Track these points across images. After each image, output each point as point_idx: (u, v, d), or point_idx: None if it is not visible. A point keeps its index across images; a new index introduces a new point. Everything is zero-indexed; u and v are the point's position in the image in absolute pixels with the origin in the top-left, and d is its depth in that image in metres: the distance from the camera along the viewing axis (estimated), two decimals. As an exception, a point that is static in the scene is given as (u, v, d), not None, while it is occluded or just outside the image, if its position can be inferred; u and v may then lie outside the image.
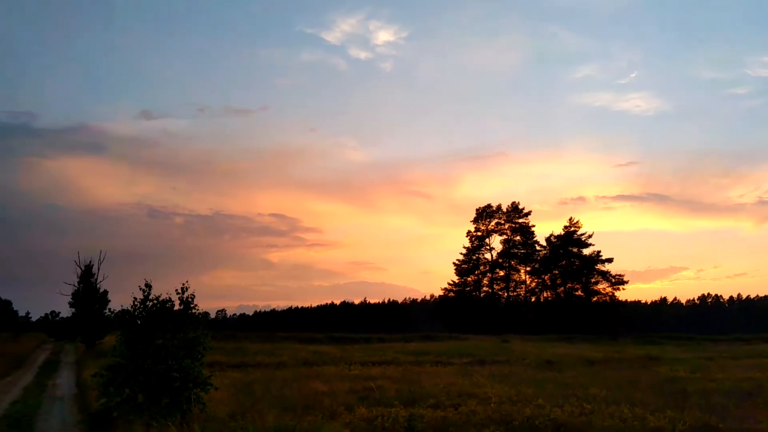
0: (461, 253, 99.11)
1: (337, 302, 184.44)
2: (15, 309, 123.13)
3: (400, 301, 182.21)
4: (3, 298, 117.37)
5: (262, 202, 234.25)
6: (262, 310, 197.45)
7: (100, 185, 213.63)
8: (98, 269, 55.49)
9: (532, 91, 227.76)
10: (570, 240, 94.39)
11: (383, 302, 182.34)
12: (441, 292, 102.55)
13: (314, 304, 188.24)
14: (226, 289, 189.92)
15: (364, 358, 37.02)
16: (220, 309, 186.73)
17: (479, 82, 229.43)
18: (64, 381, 26.99)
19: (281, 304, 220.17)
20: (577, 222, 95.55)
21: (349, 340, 60.97)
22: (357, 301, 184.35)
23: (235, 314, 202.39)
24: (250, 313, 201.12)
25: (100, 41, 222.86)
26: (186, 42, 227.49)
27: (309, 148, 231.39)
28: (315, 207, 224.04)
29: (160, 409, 12.86)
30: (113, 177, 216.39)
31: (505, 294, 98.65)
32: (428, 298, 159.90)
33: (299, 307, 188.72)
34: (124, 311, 14.20)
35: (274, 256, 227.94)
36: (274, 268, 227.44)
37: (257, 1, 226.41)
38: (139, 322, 13.90)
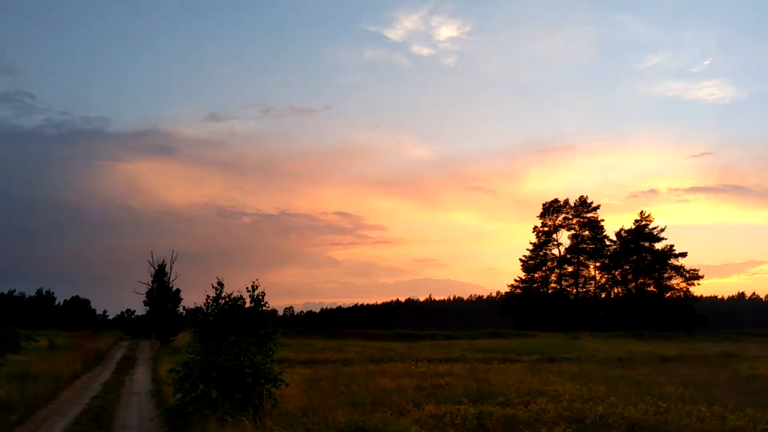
0: (528, 249, 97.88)
1: (402, 299, 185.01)
2: (93, 308, 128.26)
3: (465, 298, 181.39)
4: (81, 297, 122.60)
5: (327, 201, 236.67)
6: (328, 308, 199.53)
7: (171, 186, 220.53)
8: (170, 268, 57.31)
9: (599, 82, 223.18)
10: (641, 234, 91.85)
11: (448, 299, 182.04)
12: (507, 289, 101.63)
13: (379, 301, 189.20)
14: (292, 287, 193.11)
15: (430, 355, 36.96)
16: (288, 306, 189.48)
17: (544, 74, 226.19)
18: (141, 377, 27.83)
19: (347, 302, 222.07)
20: (649, 215, 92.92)
21: (415, 337, 61.02)
22: (422, 298, 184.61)
23: (302, 311, 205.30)
24: (317, 311, 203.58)
25: (168, 47, 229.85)
26: (250, 45, 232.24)
27: (372, 145, 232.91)
28: (378, 204, 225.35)
29: (233, 404, 13.16)
30: (183, 178, 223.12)
31: (574, 290, 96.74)
32: (494, 294, 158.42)
33: (364, 304, 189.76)
34: (197, 309, 14.59)
35: (339, 253, 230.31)
36: (339, 266, 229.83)
37: (320, 2, 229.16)
38: (212, 319, 14.24)
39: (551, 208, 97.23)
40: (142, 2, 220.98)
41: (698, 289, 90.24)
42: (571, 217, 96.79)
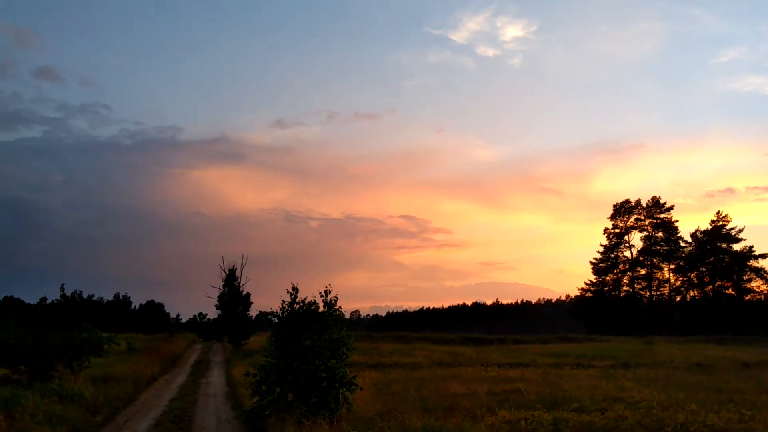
0: (598, 252, 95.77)
1: (469, 303, 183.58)
2: (167, 311, 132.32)
3: (533, 301, 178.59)
4: (156, 301, 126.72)
5: (392, 204, 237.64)
6: (394, 311, 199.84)
7: (240, 192, 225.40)
8: (241, 273, 58.61)
9: (670, 78, 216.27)
10: (718, 235, 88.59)
11: (516, 303, 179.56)
12: (578, 292, 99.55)
13: (445, 305, 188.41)
14: (359, 291, 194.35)
15: (500, 360, 36.52)
16: (354, 310, 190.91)
17: (613, 71, 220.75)
18: (215, 379, 28.47)
19: (413, 305, 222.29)
20: (726, 215, 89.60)
21: (484, 342, 60.42)
22: (489, 302, 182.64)
23: (368, 315, 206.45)
24: (383, 314, 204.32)
25: (236, 57, 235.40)
26: (316, 52, 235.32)
27: (437, 148, 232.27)
28: (444, 207, 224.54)
29: (309, 407, 13.33)
30: (252, 184, 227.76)
31: (647, 293, 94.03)
32: (563, 298, 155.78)
33: (431, 308, 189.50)
34: (272, 313, 14.86)
35: (405, 257, 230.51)
36: (405, 269, 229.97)
37: (384, 7, 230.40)
38: (286, 323, 14.45)
39: (622, 209, 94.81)
40: (210, 14, 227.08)
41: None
42: (643, 218, 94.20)
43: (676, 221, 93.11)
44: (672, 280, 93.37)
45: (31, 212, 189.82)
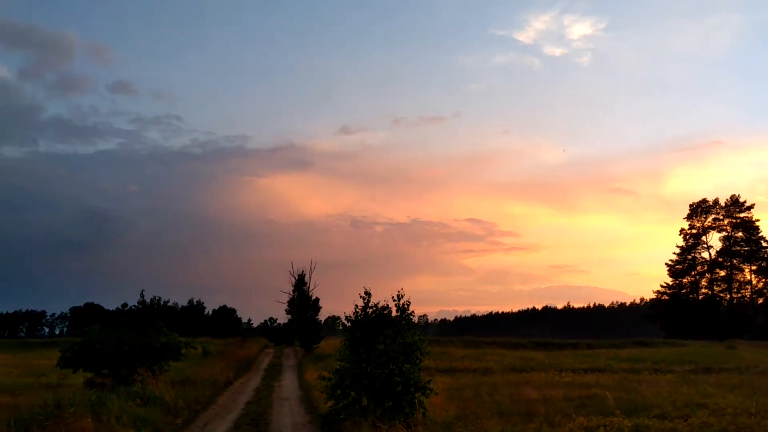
0: (674, 253, 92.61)
1: (539, 307, 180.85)
2: (239, 316, 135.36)
3: (606, 305, 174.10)
4: (228, 306, 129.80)
5: (458, 208, 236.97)
6: (462, 316, 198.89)
7: (307, 198, 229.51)
8: (310, 278, 59.40)
9: (749, 72, 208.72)
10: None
11: (588, 306, 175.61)
12: (653, 295, 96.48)
13: (515, 309, 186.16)
14: (426, 295, 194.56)
15: (574, 365, 35.84)
16: (422, 314, 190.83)
17: (687, 66, 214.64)
18: (288, 383, 28.87)
19: (481, 309, 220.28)
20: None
21: (556, 346, 59.29)
22: (560, 306, 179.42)
23: (436, 319, 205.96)
24: (451, 318, 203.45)
25: (301, 65, 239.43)
26: (379, 57, 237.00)
27: (503, 150, 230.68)
28: (511, 210, 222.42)
29: (384, 412, 13.34)
30: (318, 190, 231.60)
31: (727, 296, 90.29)
32: (638, 301, 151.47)
33: (500, 312, 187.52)
34: (346, 317, 14.99)
35: (472, 261, 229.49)
36: (472, 273, 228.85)
37: (448, 10, 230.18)
38: (358, 328, 14.51)
39: (699, 209, 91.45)
40: (274, 25, 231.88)
41: None
42: (721, 217, 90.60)
43: (757, 220, 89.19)
44: (754, 282, 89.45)
45: (108, 221, 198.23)
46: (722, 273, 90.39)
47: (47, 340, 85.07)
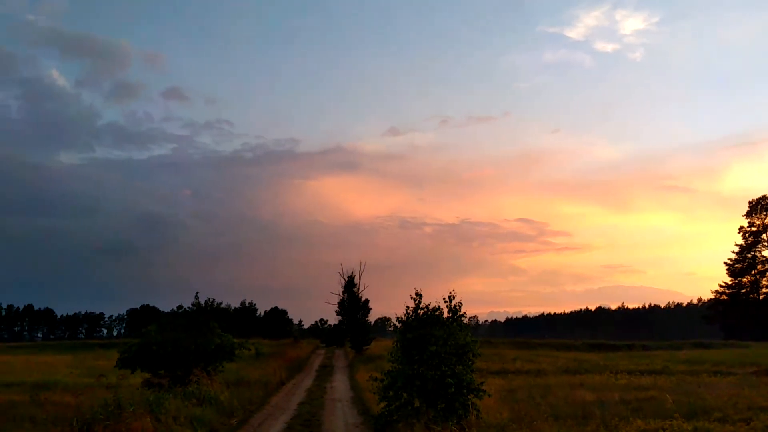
0: (733, 252, 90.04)
1: (592, 308, 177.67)
2: (290, 317, 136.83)
3: (662, 305, 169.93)
4: (280, 308, 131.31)
5: (508, 208, 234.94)
6: (514, 317, 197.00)
7: (356, 200, 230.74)
8: (359, 279, 59.73)
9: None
10: None
11: (642, 307, 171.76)
12: (711, 295, 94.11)
13: (567, 310, 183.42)
14: (476, 296, 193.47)
15: (629, 367, 35.18)
16: (472, 316, 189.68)
17: (744, 60, 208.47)
18: (340, 384, 29.00)
19: (532, 310, 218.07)
20: None
21: (610, 348, 58.32)
22: (613, 306, 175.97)
23: (486, 320, 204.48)
24: (502, 320, 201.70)
25: (349, 67, 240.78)
26: (427, 59, 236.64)
27: (554, 149, 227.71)
28: (563, 209, 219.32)
29: (436, 413, 13.28)
30: (366, 192, 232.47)
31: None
32: (695, 302, 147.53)
33: (551, 313, 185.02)
34: (397, 318, 14.98)
35: (523, 261, 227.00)
36: (524, 274, 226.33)
37: (496, 9, 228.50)
38: (412, 329, 14.46)
39: (759, 206, 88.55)
40: (321, 29, 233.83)
41: None
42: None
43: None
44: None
45: (163, 225, 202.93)
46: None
47: (105, 341, 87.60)
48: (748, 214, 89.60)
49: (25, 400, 20.09)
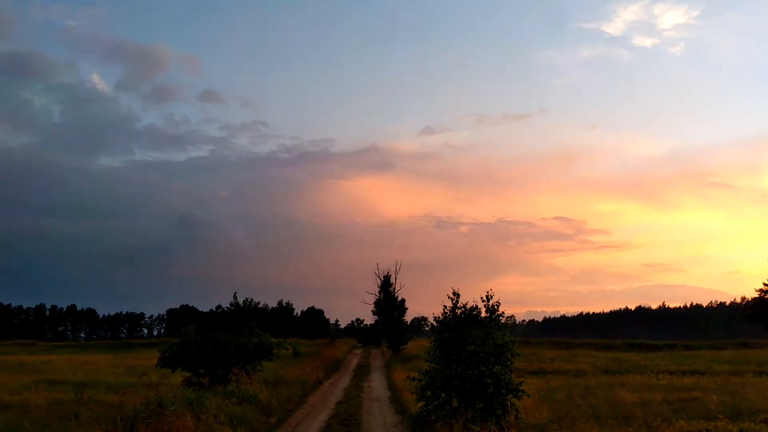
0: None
1: (632, 307, 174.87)
2: (326, 317, 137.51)
3: (704, 304, 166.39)
4: (316, 307, 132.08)
5: (545, 206, 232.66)
6: (551, 316, 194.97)
7: (391, 200, 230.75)
8: (395, 279, 59.63)
9: None
10: None
11: (684, 306, 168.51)
12: (755, 294, 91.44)
13: (606, 310, 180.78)
14: (513, 295, 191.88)
15: (671, 367, 34.64)
16: (509, 315, 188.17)
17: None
18: (377, 384, 29.02)
19: (570, 310, 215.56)
20: None
21: (651, 348, 57.41)
22: (654, 306, 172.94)
23: (524, 320, 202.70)
24: (539, 320, 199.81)
25: (383, 67, 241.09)
26: (460, 55, 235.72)
27: (591, 146, 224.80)
28: (601, 207, 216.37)
29: (475, 413, 13.20)
30: (401, 192, 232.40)
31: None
32: (739, 300, 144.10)
33: (590, 312, 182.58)
34: (435, 318, 14.94)
35: (561, 260, 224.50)
36: (561, 273, 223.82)
37: (531, 5, 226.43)
38: (450, 329, 14.40)
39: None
40: (354, 30, 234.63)
41: None
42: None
43: None
44: None
45: (201, 226, 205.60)
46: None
47: (146, 340, 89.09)
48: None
49: (71, 399, 20.53)
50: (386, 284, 59.71)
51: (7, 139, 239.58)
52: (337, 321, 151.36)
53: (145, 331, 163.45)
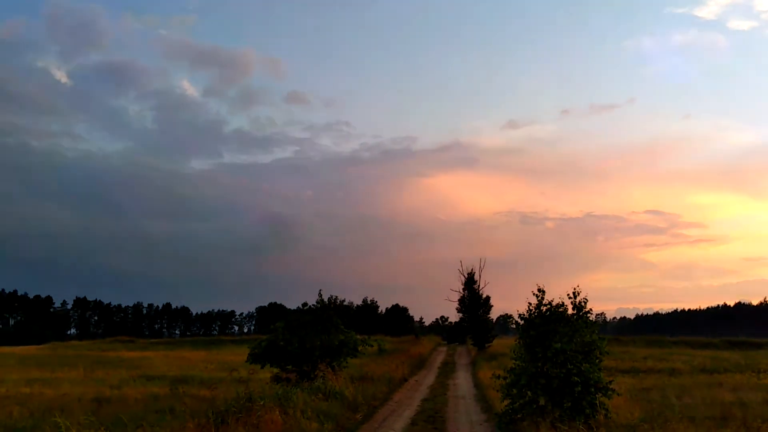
0: None
1: (731, 303, 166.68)
2: (411, 314, 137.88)
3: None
4: (401, 305, 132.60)
5: (635, 200, 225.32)
6: (644, 313, 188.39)
7: (474, 197, 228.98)
8: (479, 276, 59.00)
9: None
10: None
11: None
12: None
13: (702, 306, 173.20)
14: (603, 292, 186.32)
15: (774, 366, 32.79)
16: (599, 312, 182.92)
17: None
18: (462, 381, 28.83)
19: (664, 307, 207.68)
20: None
21: (753, 346, 54.64)
22: (755, 302, 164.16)
23: (614, 317, 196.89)
24: (631, 316, 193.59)
25: (464, 62, 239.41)
26: (544, 46, 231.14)
27: (684, 136, 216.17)
28: (696, 200, 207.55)
29: (562, 412, 12.91)
30: (485, 188, 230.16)
31: None
32: None
33: (685, 309, 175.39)
34: (520, 315, 14.71)
35: (653, 255, 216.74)
36: (654, 268, 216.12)
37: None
38: (536, 326, 14.14)
39: None
40: (436, 25, 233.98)
41: None
42: None
43: None
44: None
45: (288, 226, 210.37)
46: None
47: (236, 337, 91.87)
48: None
49: (166, 393, 21.42)
50: (470, 281, 59.17)
51: (105, 145, 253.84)
52: (421, 318, 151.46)
53: (236, 328, 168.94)
